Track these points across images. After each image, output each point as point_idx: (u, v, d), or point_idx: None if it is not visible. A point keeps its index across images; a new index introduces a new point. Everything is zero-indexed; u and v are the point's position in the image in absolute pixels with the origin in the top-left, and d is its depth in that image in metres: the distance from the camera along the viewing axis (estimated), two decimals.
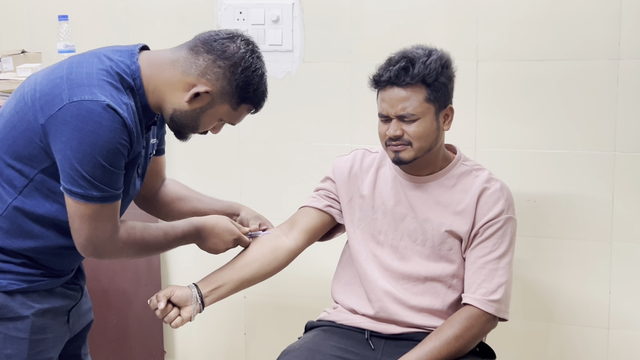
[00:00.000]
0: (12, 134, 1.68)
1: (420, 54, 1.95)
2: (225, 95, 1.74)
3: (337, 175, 2.15)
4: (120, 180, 1.70)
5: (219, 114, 1.77)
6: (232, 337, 2.97)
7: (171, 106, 1.74)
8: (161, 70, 1.73)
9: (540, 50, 2.45)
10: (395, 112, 1.95)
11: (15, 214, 1.71)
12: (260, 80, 1.76)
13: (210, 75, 1.71)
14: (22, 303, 1.75)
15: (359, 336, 2.08)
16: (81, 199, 1.65)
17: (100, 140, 1.61)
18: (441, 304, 2.04)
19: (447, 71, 1.98)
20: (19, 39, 2.95)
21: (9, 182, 1.70)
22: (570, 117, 2.46)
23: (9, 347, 1.75)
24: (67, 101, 1.61)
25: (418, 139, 1.95)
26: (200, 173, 2.89)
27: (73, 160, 1.61)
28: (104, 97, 1.62)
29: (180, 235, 1.89)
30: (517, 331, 2.61)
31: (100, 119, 1.60)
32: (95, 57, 1.71)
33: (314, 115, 2.73)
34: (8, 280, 1.73)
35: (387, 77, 1.95)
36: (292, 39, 2.70)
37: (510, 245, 2.02)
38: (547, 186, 2.52)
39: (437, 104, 1.97)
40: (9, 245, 1.73)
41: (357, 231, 2.11)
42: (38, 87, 1.67)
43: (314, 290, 2.74)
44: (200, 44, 1.73)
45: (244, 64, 1.72)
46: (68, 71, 1.66)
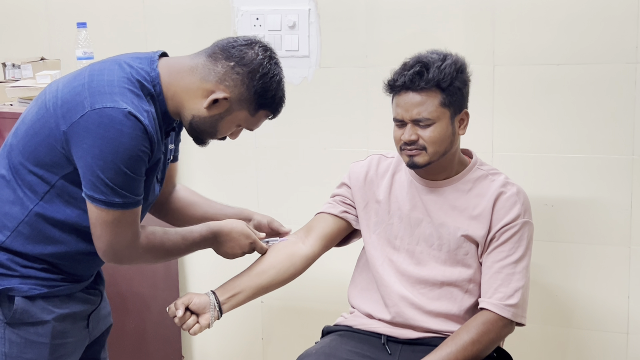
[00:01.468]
0: (34, 141, 1.70)
1: (434, 58, 1.95)
2: (244, 101, 1.75)
3: (352, 181, 2.16)
4: (141, 186, 1.71)
5: (237, 119, 1.78)
6: (250, 342, 2.98)
7: (190, 112, 1.76)
8: (180, 77, 1.74)
9: (557, 54, 2.45)
10: (411, 117, 1.95)
11: (36, 219, 1.73)
12: (278, 87, 1.77)
13: (228, 82, 1.73)
14: (42, 308, 1.76)
15: (376, 341, 2.08)
16: (103, 205, 1.66)
17: (122, 147, 1.62)
18: (458, 308, 2.04)
19: (462, 75, 1.98)
20: (38, 46, 2.98)
21: (30, 188, 1.72)
22: (587, 121, 2.45)
23: (29, 352, 1.77)
24: (89, 108, 1.63)
25: (433, 143, 1.95)
26: (218, 178, 2.91)
27: (95, 167, 1.63)
28: (125, 104, 1.63)
29: (198, 239, 1.90)
30: (535, 336, 2.60)
31: (121, 127, 1.61)
32: (116, 64, 1.72)
33: (330, 120, 2.74)
34: (29, 285, 1.75)
35: (401, 82, 1.95)
36: (309, 44, 2.71)
37: (527, 250, 2.01)
38: (564, 190, 2.50)
39: (453, 108, 1.97)
40: (30, 251, 1.74)
41: (373, 236, 2.11)
42: (60, 95, 1.69)
43: (331, 295, 2.74)
44: (218, 51, 1.74)
45: (262, 70, 1.73)
46: (89, 79, 1.68)
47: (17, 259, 1.74)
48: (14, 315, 1.74)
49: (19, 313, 1.74)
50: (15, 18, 3.06)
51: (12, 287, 1.74)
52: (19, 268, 1.74)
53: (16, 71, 2.79)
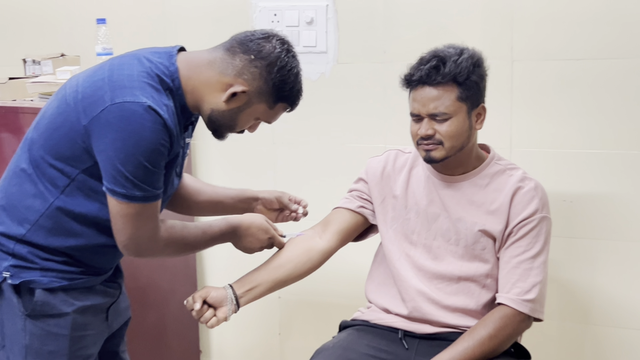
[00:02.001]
0: (55, 135, 1.72)
1: (451, 52, 1.95)
2: (262, 94, 1.76)
3: (369, 176, 2.16)
4: (160, 180, 1.73)
5: (255, 113, 1.79)
6: (267, 337, 2.99)
7: (209, 106, 1.77)
8: (199, 71, 1.75)
9: (576, 49, 2.43)
10: (427, 111, 1.95)
11: (57, 213, 1.75)
12: (295, 79, 1.78)
13: (247, 75, 1.73)
14: (63, 300, 1.78)
15: (393, 335, 2.08)
16: (124, 199, 1.68)
17: (142, 141, 1.63)
18: (475, 303, 2.03)
19: (479, 70, 1.97)
20: (58, 43, 3.00)
21: (51, 181, 1.73)
22: (607, 117, 2.44)
23: (50, 344, 1.79)
24: (110, 103, 1.64)
25: (450, 138, 1.95)
26: (236, 173, 2.92)
27: (116, 161, 1.64)
28: (145, 98, 1.64)
29: (217, 234, 1.91)
30: (553, 333, 2.59)
31: (142, 120, 1.63)
32: (135, 59, 1.74)
33: (348, 116, 2.74)
34: (50, 277, 1.77)
35: (418, 77, 1.95)
36: (326, 40, 2.71)
37: (545, 245, 2.01)
38: (583, 186, 2.49)
39: (469, 102, 1.96)
40: (50, 244, 1.76)
41: (390, 231, 2.11)
42: (80, 89, 1.70)
43: (348, 290, 2.75)
44: (236, 45, 1.75)
45: (280, 63, 1.74)
46: (109, 73, 1.69)
47: (38, 252, 1.76)
48: (35, 307, 1.76)
49: (39, 305, 1.76)
50: (36, 15, 3.09)
51: (33, 280, 1.76)
52: (39, 261, 1.76)
53: (36, 67, 2.82)
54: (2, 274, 1.76)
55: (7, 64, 3.05)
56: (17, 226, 1.76)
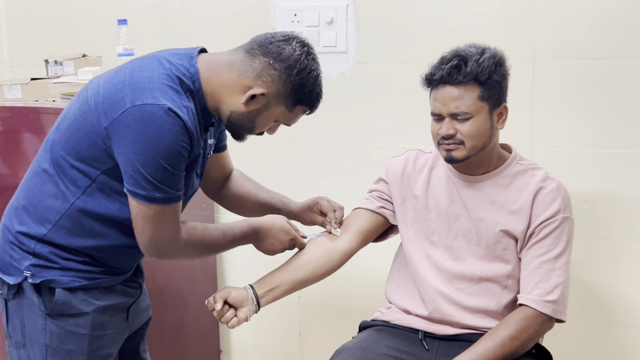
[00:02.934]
0: (76, 136, 1.73)
1: (473, 52, 1.94)
2: (281, 97, 1.76)
3: (390, 176, 2.15)
4: (181, 181, 1.73)
5: (274, 115, 1.79)
6: (287, 337, 2.99)
7: (228, 108, 1.77)
8: (219, 73, 1.75)
9: (598, 48, 2.41)
10: (449, 111, 1.94)
11: (77, 213, 1.76)
12: (315, 82, 1.78)
13: (266, 78, 1.73)
14: (82, 300, 1.79)
15: (413, 336, 2.07)
16: (144, 201, 1.69)
17: (162, 143, 1.64)
18: (496, 304, 2.02)
19: (501, 69, 1.96)
20: (80, 44, 3.02)
21: (72, 182, 1.75)
22: (629, 116, 2.41)
23: (69, 343, 1.80)
24: (130, 105, 1.65)
25: (471, 137, 1.94)
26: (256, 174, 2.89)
27: (136, 163, 1.65)
28: (165, 100, 1.65)
29: (238, 235, 1.91)
30: (575, 334, 2.57)
31: (161, 122, 1.63)
32: (155, 60, 1.74)
33: (367, 116, 2.73)
34: (70, 277, 1.78)
35: (439, 76, 1.94)
36: (346, 40, 2.70)
37: (568, 246, 1.99)
38: (605, 187, 2.47)
39: (491, 102, 1.95)
40: (70, 244, 1.77)
41: (410, 231, 2.10)
42: (101, 91, 1.71)
43: (368, 291, 2.74)
44: (256, 47, 1.75)
45: (300, 66, 1.73)
46: (130, 75, 1.70)
47: (58, 252, 1.78)
48: (55, 306, 1.78)
49: (59, 304, 1.78)
50: (58, 16, 3.11)
51: (53, 279, 1.77)
52: (59, 260, 1.77)
53: (58, 68, 2.84)
54: (23, 273, 1.78)
55: (29, 64, 3.08)
56: (39, 226, 1.77)
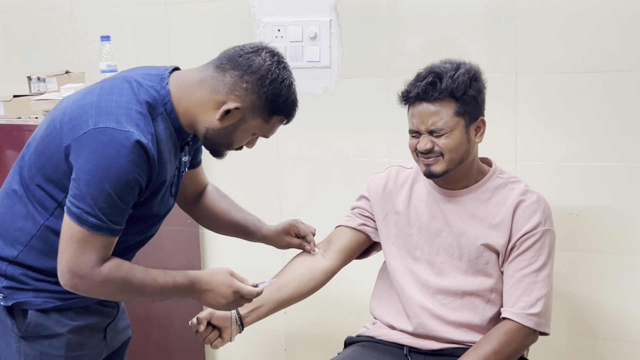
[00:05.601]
0: (42, 157, 1.70)
1: (447, 68, 1.95)
2: (256, 109, 1.72)
3: (371, 193, 2.16)
4: (122, 216, 1.66)
5: (251, 128, 1.76)
6: (273, 353, 2.97)
7: (204, 125, 1.74)
8: (191, 91, 1.72)
9: (580, 62, 2.43)
10: (426, 128, 1.95)
11: (48, 234, 1.72)
12: (289, 91, 1.74)
13: (239, 91, 1.70)
14: (57, 321, 1.76)
15: (398, 351, 2.07)
16: (75, 220, 1.62)
17: (114, 167, 1.59)
18: (480, 319, 2.02)
19: (477, 84, 1.97)
20: (62, 60, 3.01)
21: (40, 203, 1.72)
22: (612, 129, 2.43)
23: None
24: (93, 126, 1.62)
25: (449, 150, 1.95)
26: (240, 189, 2.91)
27: (82, 181, 1.61)
28: (129, 127, 1.61)
29: (170, 284, 1.74)
30: (560, 347, 2.57)
31: (120, 148, 1.60)
32: (126, 82, 1.70)
33: (352, 130, 2.74)
34: (43, 298, 1.74)
35: (415, 93, 1.95)
36: (330, 55, 2.71)
37: (549, 258, 2.00)
38: (589, 199, 2.48)
39: (467, 117, 1.96)
40: (42, 265, 1.74)
41: (393, 247, 2.11)
42: (68, 112, 1.68)
43: (353, 307, 2.73)
44: (225, 61, 1.72)
45: (271, 76, 1.70)
46: (98, 98, 1.67)
47: (31, 273, 1.74)
48: (28, 328, 1.74)
49: (32, 326, 1.74)
50: (40, 32, 3.10)
51: (26, 301, 1.74)
52: (32, 282, 1.74)
53: (41, 84, 2.83)
54: None
55: (12, 81, 3.06)
56: (10, 248, 1.74)
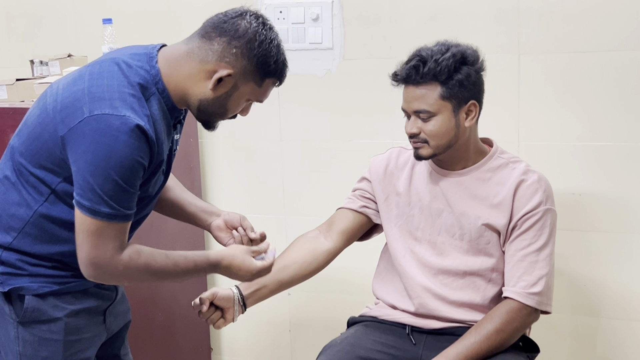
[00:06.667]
0: (35, 145, 1.69)
1: (435, 51, 1.95)
2: (248, 73, 1.70)
3: (372, 175, 2.16)
4: (132, 200, 1.66)
5: (245, 94, 1.74)
6: (278, 334, 2.99)
7: (196, 97, 1.71)
8: (179, 65, 1.70)
9: (583, 41, 2.42)
10: (412, 109, 1.97)
11: (42, 220, 1.72)
12: (278, 51, 1.72)
13: (228, 58, 1.68)
14: (54, 305, 1.75)
15: (400, 331, 2.08)
16: (88, 213, 1.61)
17: (115, 154, 1.58)
18: (481, 298, 2.03)
19: (466, 68, 1.95)
20: (65, 43, 3.01)
21: (34, 189, 1.71)
22: (615, 109, 2.42)
23: (44, 350, 1.76)
24: (88, 114, 1.60)
25: (434, 137, 1.96)
26: (244, 171, 2.92)
27: (86, 172, 1.60)
28: (125, 110, 1.60)
29: (192, 268, 1.77)
30: (563, 326, 2.58)
31: (118, 133, 1.58)
32: (114, 65, 1.68)
33: (355, 112, 2.74)
34: (39, 283, 1.74)
35: (401, 76, 1.97)
36: (332, 36, 2.71)
37: (550, 237, 2.00)
38: (592, 179, 2.48)
39: (455, 101, 1.95)
40: (38, 251, 1.74)
41: (394, 229, 2.11)
42: (59, 99, 1.67)
43: (356, 288, 2.74)
44: (211, 29, 1.70)
45: (259, 37, 1.68)
46: (89, 84, 1.65)
47: (26, 258, 1.74)
48: (25, 314, 1.74)
49: (29, 312, 1.74)
50: (43, 16, 3.10)
51: (22, 286, 1.74)
52: (28, 267, 1.74)
53: (44, 68, 2.82)
54: None
55: (14, 65, 3.06)
56: (4, 234, 1.74)
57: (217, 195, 2.97)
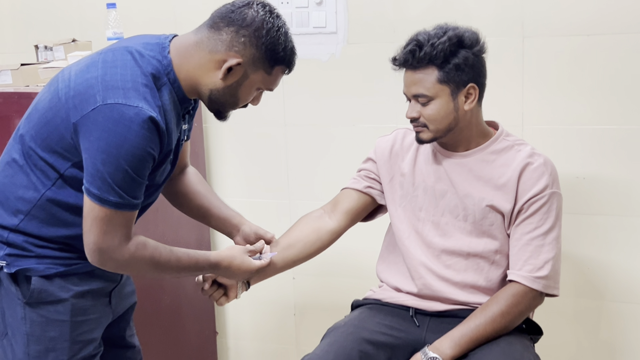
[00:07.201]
0: (46, 129, 1.70)
1: (432, 35, 1.95)
2: (257, 61, 1.73)
3: (378, 155, 2.17)
4: (141, 190, 1.69)
5: (255, 82, 1.76)
6: (282, 318, 3.01)
7: (207, 87, 1.74)
8: (189, 55, 1.73)
9: (587, 24, 2.41)
10: (410, 93, 1.98)
11: (49, 203, 1.74)
12: (286, 38, 1.75)
13: (237, 47, 1.70)
14: (60, 286, 1.78)
15: (404, 313, 2.09)
16: (96, 201, 1.64)
17: (127, 143, 1.60)
18: (484, 280, 2.04)
19: (464, 51, 1.94)
20: (69, 28, 3.01)
21: (42, 173, 1.73)
22: (619, 92, 2.42)
23: (51, 330, 1.79)
24: (101, 102, 1.62)
25: (432, 121, 1.96)
26: (248, 156, 2.93)
27: (97, 160, 1.62)
28: (137, 101, 1.62)
29: (192, 266, 1.82)
30: (567, 309, 2.59)
31: (130, 123, 1.60)
32: (128, 53, 1.70)
33: (358, 97, 2.74)
34: (46, 264, 1.76)
35: (399, 61, 1.98)
36: (336, 20, 2.70)
37: (557, 220, 2.00)
38: (596, 163, 2.48)
39: (453, 84, 1.95)
40: (44, 234, 1.76)
41: (399, 209, 2.12)
42: (72, 85, 1.68)
43: (360, 271, 2.75)
44: (219, 20, 1.72)
45: (267, 25, 1.70)
46: (103, 72, 1.67)
47: (33, 240, 1.76)
48: (32, 294, 1.76)
49: (36, 293, 1.76)
50: (47, 1, 3.10)
51: (29, 268, 1.76)
52: (34, 249, 1.76)
53: (48, 53, 2.83)
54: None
55: (19, 50, 3.07)
56: (11, 217, 1.76)
57: (222, 179, 2.98)
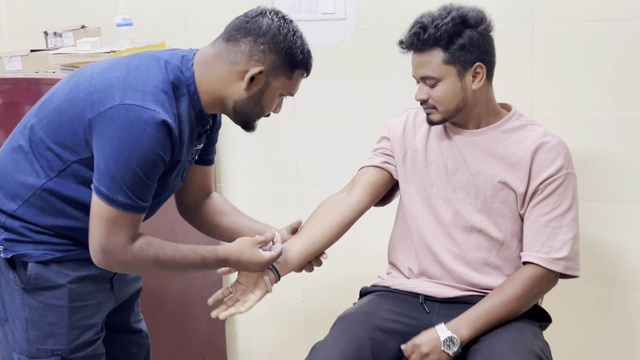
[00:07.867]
0: (59, 120, 1.71)
1: (435, 16, 1.95)
2: (278, 68, 1.75)
3: (391, 133, 2.17)
4: (149, 193, 1.70)
5: (277, 89, 1.79)
6: (291, 305, 3.01)
7: (231, 99, 1.77)
8: (209, 68, 1.75)
9: (597, 10, 2.40)
10: (418, 75, 1.98)
11: (47, 194, 1.74)
12: (302, 41, 1.78)
13: (257, 55, 1.73)
14: (57, 272, 1.78)
15: (414, 300, 2.09)
16: (105, 200, 1.65)
17: (140, 145, 1.62)
18: (495, 258, 2.03)
19: (469, 31, 1.93)
20: (78, 15, 3.01)
21: (47, 163, 1.73)
22: (629, 78, 2.40)
23: (49, 316, 1.80)
24: (119, 102, 1.63)
25: (441, 102, 1.97)
26: (257, 143, 2.93)
27: (109, 159, 1.63)
28: (155, 106, 1.63)
29: (200, 262, 1.82)
30: (577, 296, 2.58)
31: (145, 126, 1.61)
32: (154, 61, 1.73)
33: (367, 83, 2.73)
34: (42, 250, 1.77)
35: (405, 44, 1.98)
36: (345, 6, 2.69)
37: (574, 201, 2.00)
38: (605, 149, 2.47)
39: (459, 65, 1.94)
40: (40, 222, 1.76)
41: (411, 186, 2.12)
42: (93, 82, 1.70)
43: (370, 258, 2.75)
44: (235, 32, 1.75)
45: (283, 31, 1.74)
46: (126, 73, 1.69)
47: (30, 226, 1.76)
48: (29, 280, 1.77)
49: (33, 278, 1.77)
50: None
51: (25, 253, 1.76)
52: (31, 234, 1.77)
53: (58, 39, 2.83)
54: None
55: (29, 36, 3.07)
56: (9, 201, 1.76)
57: (230, 167, 2.98)
